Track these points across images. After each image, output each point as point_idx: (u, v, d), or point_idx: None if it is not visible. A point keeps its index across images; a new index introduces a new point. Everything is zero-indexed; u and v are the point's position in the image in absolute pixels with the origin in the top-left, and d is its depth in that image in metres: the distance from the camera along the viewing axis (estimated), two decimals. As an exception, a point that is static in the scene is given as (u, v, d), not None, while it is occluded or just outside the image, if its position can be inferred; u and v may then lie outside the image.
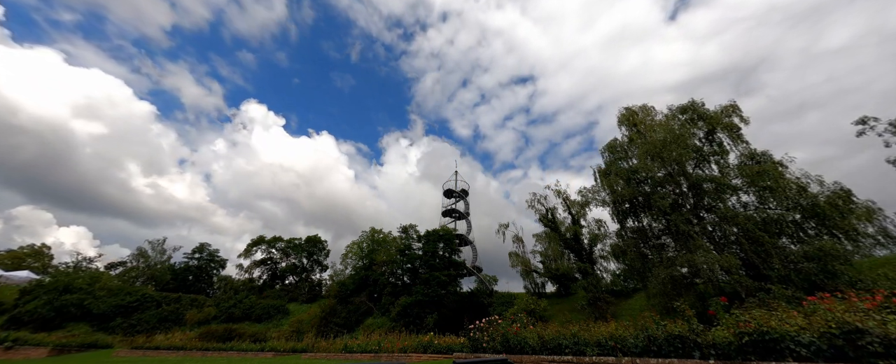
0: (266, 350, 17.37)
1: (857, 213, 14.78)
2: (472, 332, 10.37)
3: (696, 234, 15.85)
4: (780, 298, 11.37)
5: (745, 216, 15.73)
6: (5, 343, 19.55)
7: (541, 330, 9.11)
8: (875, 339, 4.74)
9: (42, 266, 43.65)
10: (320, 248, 44.68)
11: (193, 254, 43.81)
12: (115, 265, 41.45)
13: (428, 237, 30.29)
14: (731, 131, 18.00)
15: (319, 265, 44.30)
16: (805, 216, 15.34)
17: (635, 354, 6.94)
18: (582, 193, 27.06)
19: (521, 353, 8.73)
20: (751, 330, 5.75)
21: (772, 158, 16.89)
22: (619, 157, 21.44)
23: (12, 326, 25.73)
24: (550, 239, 28.42)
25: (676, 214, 16.61)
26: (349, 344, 15.43)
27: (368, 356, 13.63)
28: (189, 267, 42.89)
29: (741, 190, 16.89)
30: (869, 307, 5.39)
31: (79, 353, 21.23)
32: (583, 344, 7.83)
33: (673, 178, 17.89)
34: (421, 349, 12.97)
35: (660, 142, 18.00)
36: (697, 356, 6.20)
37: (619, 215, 19.75)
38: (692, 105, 19.32)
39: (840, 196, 15.08)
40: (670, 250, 17.99)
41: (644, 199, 18.42)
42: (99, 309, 29.19)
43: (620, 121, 22.70)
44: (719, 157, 18.13)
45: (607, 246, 26.46)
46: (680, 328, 6.62)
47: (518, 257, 29.34)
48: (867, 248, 14.63)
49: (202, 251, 44.13)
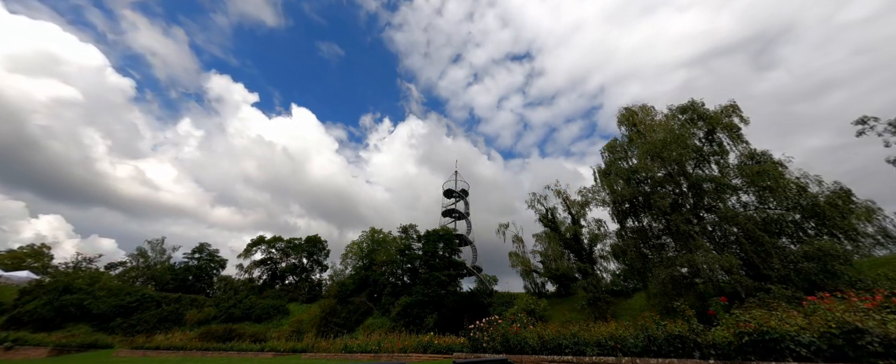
0: (266, 350, 17.38)
1: (856, 212, 14.81)
2: (472, 332, 10.37)
3: (696, 234, 15.85)
4: (780, 298, 11.37)
5: (745, 216, 15.73)
6: (5, 343, 19.53)
7: (541, 330, 9.11)
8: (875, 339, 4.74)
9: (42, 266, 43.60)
10: (320, 248, 44.69)
11: (193, 254, 43.87)
12: (114, 265, 41.52)
13: (428, 237, 30.28)
14: (731, 131, 18.00)
15: (319, 265, 44.31)
16: (805, 216, 15.36)
17: (635, 354, 6.94)
18: (582, 193, 27.17)
19: (521, 353, 8.72)
20: (751, 330, 5.75)
21: (771, 158, 16.90)
22: (618, 156, 21.46)
23: (12, 326, 25.71)
24: (550, 239, 28.42)
25: (676, 214, 16.61)
26: (349, 344, 15.44)
27: (368, 356, 13.63)
28: (189, 267, 42.89)
29: (741, 190, 16.90)
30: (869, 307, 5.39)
31: (79, 353, 21.23)
32: (583, 344, 7.83)
33: (673, 178, 17.90)
34: (421, 349, 12.97)
35: (660, 142, 18.01)
36: (697, 356, 6.20)
37: (618, 215, 19.76)
38: (692, 105, 19.33)
39: (840, 196, 15.10)
40: (670, 250, 18.00)
41: (644, 199, 18.42)
42: (99, 309, 29.19)
43: (620, 121, 22.75)
44: (719, 157, 18.13)
45: (607, 246, 26.52)
46: (680, 328, 6.62)
47: (518, 257, 29.35)
48: (867, 248, 14.66)
49: (202, 251, 44.18)
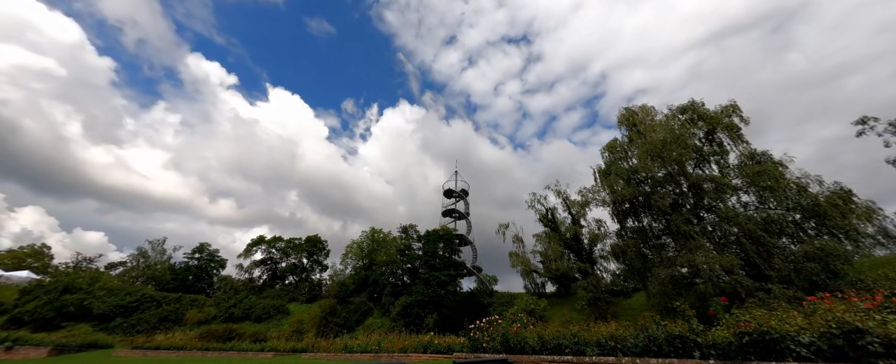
0: (266, 350, 17.39)
1: (857, 212, 14.80)
2: (472, 332, 10.37)
3: (696, 234, 15.85)
4: (781, 298, 11.38)
5: (745, 216, 15.72)
6: (5, 343, 19.53)
7: (541, 330, 9.11)
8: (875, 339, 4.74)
9: (42, 266, 43.63)
10: (320, 248, 44.72)
11: (193, 254, 43.87)
12: (115, 265, 41.55)
13: (428, 237, 30.29)
14: (731, 131, 18.00)
15: (319, 265, 44.33)
16: (805, 216, 15.35)
17: (635, 354, 6.93)
18: (582, 193, 27.17)
19: (521, 353, 8.72)
20: (751, 330, 5.75)
21: (771, 158, 16.90)
22: (619, 156, 21.45)
23: (12, 326, 25.72)
24: (550, 239, 28.41)
25: (676, 214, 16.61)
26: (349, 344, 15.45)
27: (368, 356, 13.63)
28: (189, 267, 42.90)
29: (741, 190, 16.90)
30: (869, 307, 5.39)
31: (79, 353, 21.23)
32: (583, 344, 7.83)
33: (673, 178, 17.90)
34: (421, 349, 12.98)
35: (660, 142, 18.01)
36: (697, 356, 6.19)
37: (618, 215, 19.75)
38: (692, 105, 19.35)
39: (840, 196, 15.09)
40: (670, 250, 17.99)
41: (644, 199, 18.41)
42: (99, 309, 29.19)
43: (620, 121, 22.78)
44: (719, 157, 18.14)
45: (607, 246, 26.51)
46: (680, 328, 6.62)
47: (518, 257, 29.36)
48: (867, 248, 14.65)
49: (202, 251, 44.17)
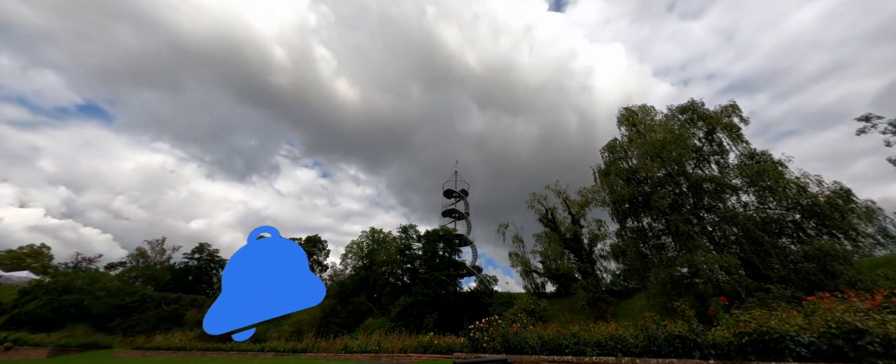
0: (266, 350, 17.37)
1: (856, 212, 14.80)
2: (472, 333, 10.37)
3: (695, 234, 15.85)
4: (780, 298, 11.37)
5: (744, 216, 15.73)
6: (5, 343, 19.51)
7: (541, 330, 9.11)
8: (875, 338, 4.75)
9: (41, 266, 43.63)
10: (320, 248, 44.70)
11: (193, 254, 43.93)
12: (114, 265, 41.52)
13: (428, 237, 30.27)
14: (731, 131, 18.01)
15: (319, 265, 44.26)
16: (805, 216, 15.34)
17: (635, 354, 6.94)
18: (582, 193, 27.15)
19: (521, 353, 8.72)
20: (751, 330, 5.76)
21: (771, 158, 16.89)
22: (618, 156, 21.44)
23: (12, 327, 25.65)
24: (550, 239, 28.42)
25: (676, 214, 16.61)
26: (349, 344, 15.43)
27: (368, 356, 13.63)
28: (189, 267, 42.96)
29: (741, 190, 16.89)
30: (869, 307, 5.40)
31: (78, 353, 21.22)
32: (583, 344, 7.83)
33: (673, 178, 17.91)
34: (421, 349, 12.97)
35: (659, 142, 18.03)
36: (697, 356, 6.20)
37: (618, 215, 19.75)
38: (692, 105, 19.37)
39: (840, 196, 15.08)
40: (670, 250, 18.00)
41: (644, 199, 18.42)
42: (98, 309, 29.14)
43: (620, 121, 22.74)
44: (719, 157, 18.13)
45: (607, 246, 26.55)
46: (680, 328, 6.62)
47: (518, 257, 29.36)
48: (867, 248, 14.66)
49: (202, 251, 44.28)
